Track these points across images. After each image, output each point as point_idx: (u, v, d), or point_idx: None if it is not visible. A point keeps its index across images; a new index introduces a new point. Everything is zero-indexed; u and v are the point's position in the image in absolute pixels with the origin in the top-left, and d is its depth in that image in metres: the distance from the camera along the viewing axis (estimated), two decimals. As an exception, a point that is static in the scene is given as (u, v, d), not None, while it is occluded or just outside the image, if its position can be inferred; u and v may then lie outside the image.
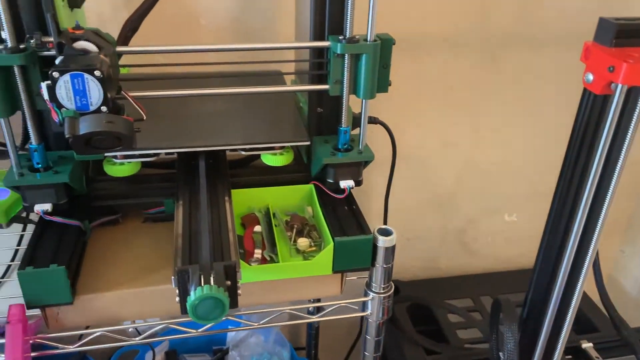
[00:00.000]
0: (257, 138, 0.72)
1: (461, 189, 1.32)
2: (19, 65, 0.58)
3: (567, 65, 1.18)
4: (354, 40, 0.66)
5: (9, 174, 0.64)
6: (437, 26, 1.10)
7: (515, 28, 1.13)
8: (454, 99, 1.19)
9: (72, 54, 0.56)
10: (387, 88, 0.72)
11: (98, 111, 0.55)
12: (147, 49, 0.65)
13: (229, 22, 1.00)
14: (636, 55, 0.47)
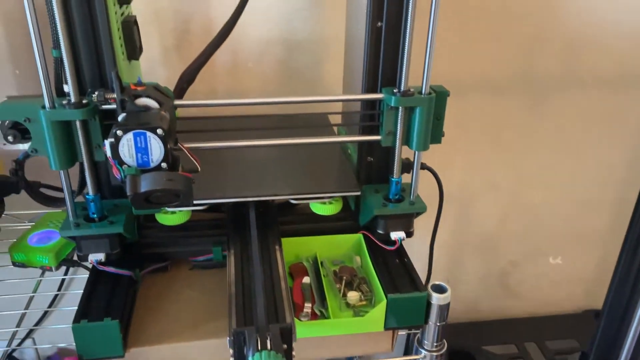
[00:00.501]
0: (307, 187, 0.72)
1: (504, 231, 1.28)
2: (80, 119, 0.59)
3: (613, 107, 1.16)
4: (408, 93, 0.65)
5: (65, 224, 0.65)
6: (481, 69, 1.09)
7: (560, 70, 1.11)
8: (498, 141, 1.17)
9: (134, 111, 0.56)
10: (440, 139, 0.71)
11: (158, 167, 0.55)
12: (203, 103, 0.65)
13: (276, 65, 1.01)
14: None
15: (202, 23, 0.95)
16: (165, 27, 0.95)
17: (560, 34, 1.07)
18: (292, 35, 0.99)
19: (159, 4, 0.93)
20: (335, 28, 0.99)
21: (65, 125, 0.60)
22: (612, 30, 1.07)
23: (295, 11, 0.97)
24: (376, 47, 0.67)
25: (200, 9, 0.94)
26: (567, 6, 1.04)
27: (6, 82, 0.94)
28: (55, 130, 0.59)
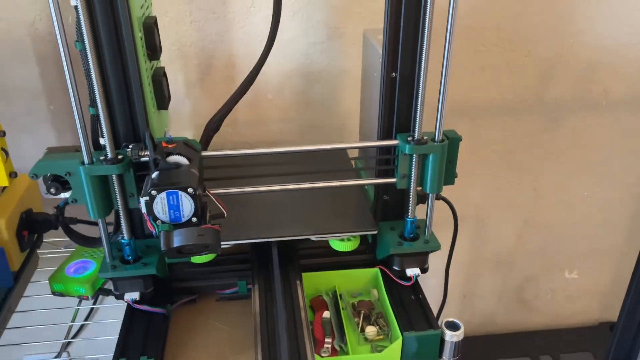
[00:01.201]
0: (326, 227, 0.76)
1: (520, 248, 1.31)
2: (117, 174, 0.64)
3: (626, 128, 1.18)
4: (422, 141, 0.69)
5: (103, 266, 0.70)
6: (496, 93, 1.11)
7: (574, 94, 1.12)
8: (513, 161, 1.19)
9: (166, 168, 0.61)
10: (454, 180, 0.74)
11: (189, 221, 0.60)
12: (228, 153, 0.70)
13: (294, 96, 1.05)
14: None
15: (224, 59, 0.99)
16: (189, 62, 0.99)
17: (574, 59, 1.08)
18: (310, 67, 1.03)
19: (185, 41, 0.97)
20: (350, 60, 1.02)
21: (103, 178, 0.65)
22: (625, 54, 1.09)
23: (313, 45, 1.01)
24: (391, 96, 0.71)
25: (222, 46, 0.98)
26: (580, 32, 1.06)
27: (42, 117, 1.00)
28: (94, 183, 0.64)
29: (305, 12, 0.97)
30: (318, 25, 0.99)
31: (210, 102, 1.03)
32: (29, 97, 0.97)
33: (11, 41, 0.92)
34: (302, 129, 1.08)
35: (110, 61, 0.64)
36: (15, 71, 0.94)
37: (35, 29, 0.92)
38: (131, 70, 0.65)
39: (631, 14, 1.05)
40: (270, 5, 0.94)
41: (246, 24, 0.97)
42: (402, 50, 0.68)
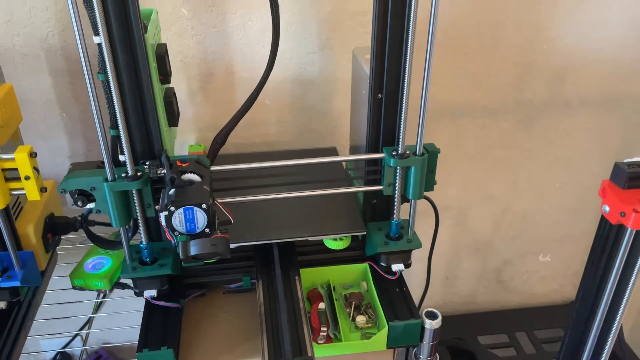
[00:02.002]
0: (321, 229, 0.86)
1: (498, 234, 1.42)
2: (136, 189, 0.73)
3: (596, 126, 1.27)
4: (405, 155, 0.78)
5: (124, 267, 0.80)
6: (475, 94, 1.20)
7: (548, 94, 1.22)
8: (492, 156, 1.29)
9: (181, 185, 0.70)
10: (433, 187, 0.84)
11: (203, 232, 0.69)
12: (233, 168, 0.78)
13: (289, 100, 1.13)
14: (646, 199, 0.57)
15: (224, 69, 1.07)
16: (192, 72, 1.07)
17: (547, 63, 1.17)
18: (304, 75, 1.11)
19: (187, 53, 1.04)
20: (341, 68, 1.10)
21: (123, 192, 0.74)
22: (595, 58, 1.18)
23: (307, 54, 1.08)
24: (377, 114, 0.80)
25: (222, 57, 1.06)
26: (553, 39, 1.14)
27: (55, 124, 1.07)
28: (116, 197, 0.73)
29: (299, 25, 1.05)
30: (311, 37, 1.06)
31: (211, 108, 1.12)
32: (43, 106, 1.04)
33: (27, 55, 0.99)
34: (297, 131, 1.17)
35: (128, 89, 0.72)
36: (31, 83, 1.02)
37: (48, 44, 0.99)
38: (147, 95, 0.73)
39: (601, 22, 1.14)
40: (265, 17, 1.03)
41: (244, 36, 1.05)
42: (387, 74, 0.77)
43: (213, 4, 1.00)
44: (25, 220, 0.82)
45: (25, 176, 0.72)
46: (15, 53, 0.99)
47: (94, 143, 1.11)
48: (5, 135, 0.79)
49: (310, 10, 1.04)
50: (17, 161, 0.71)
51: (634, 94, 1.25)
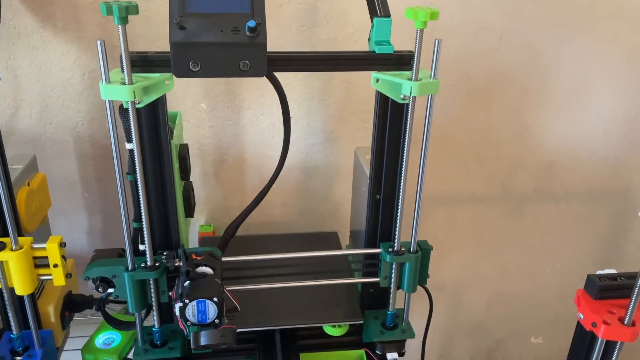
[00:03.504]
0: (322, 317, 0.92)
1: (490, 315, 1.47)
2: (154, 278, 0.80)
3: (582, 215, 1.35)
4: (400, 252, 0.85)
5: (137, 349, 0.85)
6: (467, 185, 1.28)
7: (536, 186, 1.30)
8: (483, 241, 1.36)
9: (195, 277, 0.76)
10: (426, 280, 0.90)
11: (213, 322, 0.75)
12: (243, 259, 0.85)
13: (295, 185, 1.21)
14: (615, 310, 0.64)
15: (236, 156, 1.16)
16: (206, 158, 1.16)
17: (535, 158, 1.27)
18: (309, 163, 1.20)
19: (203, 142, 1.14)
20: (343, 158, 1.19)
21: (141, 280, 0.80)
22: (579, 155, 1.27)
23: (312, 145, 1.18)
24: (375, 212, 0.87)
25: (235, 146, 1.15)
26: (540, 137, 1.24)
27: (76, 203, 1.15)
28: (134, 285, 0.79)
29: (306, 120, 1.15)
30: (317, 130, 1.16)
31: (222, 191, 1.20)
32: (67, 185, 1.13)
33: (57, 141, 1.09)
34: (300, 213, 1.25)
35: (153, 187, 0.80)
36: (58, 164, 1.10)
37: (77, 132, 1.09)
38: (169, 192, 0.81)
39: (584, 121, 1.24)
40: (276, 113, 1.13)
41: (256, 129, 1.14)
42: (385, 177, 0.85)
43: (229, 100, 1.11)
44: (47, 300, 0.88)
45: (54, 264, 0.78)
46: (46, 139, 1.08)
47: (110, 220, 1.18)
48: (36, 222, 0.86)
49: (318, 107, 1.14)
50: (48, 250, 0.78)
51: (617, 187, 1.33)
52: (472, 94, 1.17)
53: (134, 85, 0.69)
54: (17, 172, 0.85)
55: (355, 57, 0.78)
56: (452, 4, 1.08)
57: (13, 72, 1.02)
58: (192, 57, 0.71)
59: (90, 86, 1.05)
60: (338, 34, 1.08)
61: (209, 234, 1.16)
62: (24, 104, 1.05)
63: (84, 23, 1.00)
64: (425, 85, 0.74)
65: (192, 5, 0.72)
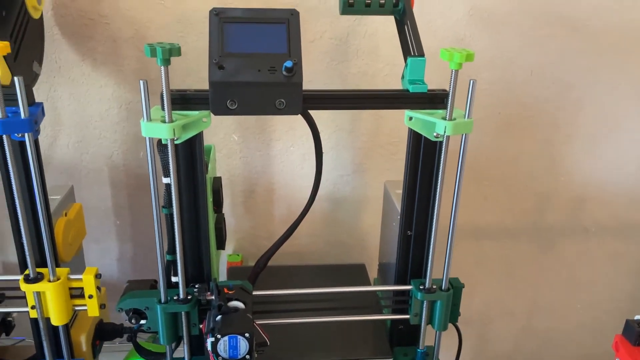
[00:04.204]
0: (350, 352, 0.91)
1: (519, 351, 1.44)
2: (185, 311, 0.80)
3: (614, 251, 1.33)
4: (431, 290, 0.84)
5: (166, 381, 0.85)
6: (497, 218, 1.27)
7: (568, 220, 1.28)
8: (513, 274, 1.34)
9: (227, 312, 0.77)
10: (457, 318, 0.89)
11: (244, 358, 0.75)
12: (273, 294, 0.86)
13: (322, 215, 1.22)
14: (656, 358, 0.62)
15: (265, 186, 1.17)
16: (236, 188, 1.17)
17: (566, 193, 1.25)
18: (337, 194, 1.20)
19: (234, 172, 1.15)
20: (371, 189, 1.20)
21: (173, 313, 0.81)
22: (610, 189, 1.25)
23: (340, 176, 1.18)
24: (406, 249, 0.87)
25: (264, 177, 1.16)
26: (571, 171, 1.23)
27: (108, 230, 1.17)
28: (167, 317, 0.80)
29: (334, 151, 1.16)
30: (345, 162, 1.17)
31: (250, 221, 1.21)
32: (100, 213, 1.15)
33: (92, 170, 1.11)
34: (326, 244, 1.25)
35: (187, 220, 0.81)
36: (92, 192, 1.13)
37: (112, 161, 1.11)
38: (202, 225, 0.82)
39: (616, 154, 1.23)
40: (305, 145, 1.14)
41: (285, 160, 1.16)
42: (417, 214, 0.85)
43: (260, 132, 1.12)
44: (79, 329, 0.89)
45: (89, 295, 0.80)
46: (82, 167, 1.11)
47: (140, 247, 1.20)
48: (72, 251, 0.88)
49: (347, 139, 1.15)
50: (84, 282, 0.79)
51: (650, 223, 1.31)
52: (502, 128, 1.17)
53: (174, 123, 0.70)
54: (56, 203, 0.87)
55: (390, 95, 0.78)
56: (482, 39, 1.09)
57: (53, 104, 1.06)
58: (230, 95, 0.72)
59: (126, 117, 1.07)
60: (369, 68, 1.09)
61: (237, 264, 1.16)
62: (62, 134, 1.08)
63: (122, 57, 1.03)
64: (459, 125, 0.75)
65: (231, 45, 0.74)
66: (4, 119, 0.68)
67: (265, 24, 0.76)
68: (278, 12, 0.77)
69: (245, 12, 0.77)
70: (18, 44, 0.81)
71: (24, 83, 0.69)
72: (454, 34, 1.07)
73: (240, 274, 1.10)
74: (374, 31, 1.06)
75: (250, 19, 0.76)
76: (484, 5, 1.06)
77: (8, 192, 0.76)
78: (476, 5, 1.06)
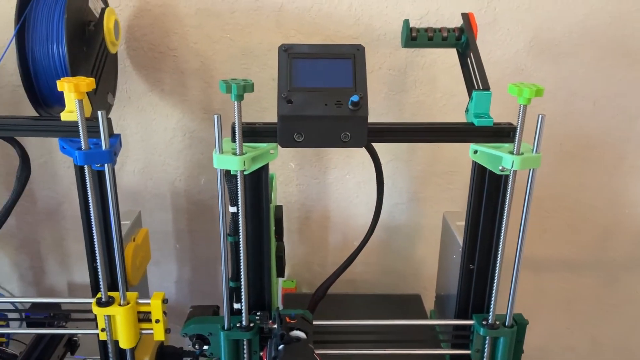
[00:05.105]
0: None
1: (579, 390, 1.38)
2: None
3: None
4: (495, 326, 0.83)
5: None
6: (557, 250, 1.24)
7: (632, 253, 1.23)
8: (573, 310, 1.29)
9: (289, 341, 0.78)
10: (520, 356, 0.87)
11: (305, 390, 0.75)
12: (332, 324, 0.86)
13: (377, 244, 1.22)
14: None
15: (320, 214, 1.19)
16: (292, 215, 1.19)
17: (630, 225, 1.21)
18: (392, 222, 1.20)
19: (290, 199, 1.17)
20: (426, 218, 1.19)
21: (236, 340, 0.82)
22: (680, 223, 1.20)
23: (396, 205, 1.18)
24: (468, 283, 0.86)
25: (319, 204, 1.18)
26: (635, 204, 1.19)
27: (168, 253, 1.21)
28: (229, 343, 0.82)
29: (391, 180, 1.16)
30: (401, 191, 1.17)
31: (305, 247, 1.22)
32: (161, 237, 1.19)
33: (155, 195, 1.15)
34: (381, 272, 1.24)
35: (251, 248, 0.83)
36: (155, 217, 1.17)
37: (174, 187, 1.15)
38: (265, 254, 0.84)
39: (684, 189, 1.18)
40: (362, 173, 1.15)
41: (341, 187, 1.17)
42: (480, 247, 0.84)
43: (317, 160, 1.14)
44: (142, 352, 0.92)
45: (156, 319, 0.82)
46: (146, 193, 1.15)
47: (198, 271, 1.23)
48: (139, 275, 0.91)
49: (403, 168, 1.15)
50: (152, 306, 0.82)
51: None
52: (563, 159, 1.15)
53: (245, 156, 0.73)
54: (126, 228, 0.91)
55: (455, 129, 0.79)
56: (543, 70, 1.08)
57: (122, 131, 1.11)
58: (297, 129, 0.74)
59: (189, 145, 1.11)
60: (426, 98, 1.09)
61: (291, 290, 1.17)
62: (129, 161, 1.13)
63: (188, 87, 1.07)
64: (527, 160, 0.74)
65: (298, 80, 0.76)
66: (87, 151, 0.72)
67: (332, 59, 0.78)
68: (344, 48, 0.79)
69: (312, 47, 0.79)
70: (98, 78, 0.86)
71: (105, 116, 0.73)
72: (515, 65, 1.06)
73: (296, 300, 1.11)
74: (432, 62, 1.07)
75: (318, 55, 0.78)
76: (545, 36, 1.05)
77: (85, 218, 0.80)
78: (538, 35, 1.05)
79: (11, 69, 1.03)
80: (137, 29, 1.03)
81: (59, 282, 1.24)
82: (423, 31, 0.86)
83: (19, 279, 1.24)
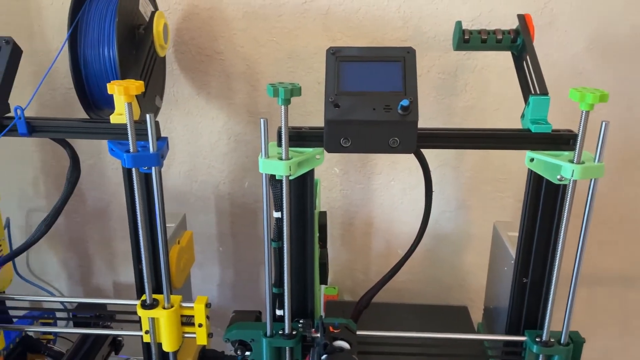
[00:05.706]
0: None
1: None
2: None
3: None
4: (549, 344, 0.78)
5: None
6: (611, 263, 1.17)
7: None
8: (630, 327, 1.22)
9: (333, 351, 0.76)
10: (575, 379, 0.82)
11: (348, 400, 0.73)
12: (376, 334, 0.84)
13: (422, 252, 1.18)
14: None
15: (363, 220, 1.16)
16: (335, 220, 1.17)
17: (696, 240, 1.13)
18: (438, 230, 1.16)
19: (333, 204, 1.15)
20: (474, 227, 1.15)
21: (277, 347, 0.81)
22: None
23: (442, 212, 1.15)
24: (521, 297, 0.82)
25: (363, 210, 1.15)
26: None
27: (211, 256, 1.21)
28: (271, 350, 0.80)
29: (438, 187, 1.12)
30: (449, 198, 1.13)
31: (347, 253, 1.20)
32: (205, 240, 1.19)
33: (200, 198, 1.16)
34: (426, 282, 1.21)
35: (295, 254, 0.81)
36: (199, 219, 1.17)
37: (218, 190, 1.15)
38: (309, 260, 0.82)
39: None
40: (407, 179, 1.12)
41: (385, 194, 1.14)
42: (534, 260, 0.80)
43: (362, 165, 1.12)
44: (185, 355, 0.91)
45: (199, 324, 0.82)
46: (191, 195, 1.16)
47: (241, 274, 1.23)
48: (183, 278, 0.92)
49: (451, 175, 1.11)
50: (195, 310, 0.81)
51: None
52: (622, 168, 1.08)
53: (290, 161, 0.71)
54: (171, 231, 0.91)
55: (510, 135, 0.75)
56: (602, 73, 1.02)
57: (168, 134, 1.12)
58: (344, 133, 0.72)
59: (234, 149, 1.11)
60: (477, 102, 1.06)
61: (333, 297, 1.15)
62: (174, 163, 1.14)
63: (234, 91, 1.07)
64: (588, 169, 0.70)
65: (346, 84, 0.74)
66: (135, 153, 0.73)
67: (381, 62, 0.76)
68: (394, 51, 0.76)
69: (361, 50, 0.77)
70: (147, 81, 0.87)
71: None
72: (572, 68, 1.01)
73: (338, 308, 1.09)
74: (485, 65, 1.03)
75: (366, 58, 0.76)
76: (604, 39, 1.00)
77: (132, 220, 0.81)
78: (597, 38, 1.00)
79: (63, 72, 1.05)
80: (185, 32, 1.04)
81: (105, 282, 1.26)
82: (476, 33, 0.83)
83: (68, 278, 1.27)
